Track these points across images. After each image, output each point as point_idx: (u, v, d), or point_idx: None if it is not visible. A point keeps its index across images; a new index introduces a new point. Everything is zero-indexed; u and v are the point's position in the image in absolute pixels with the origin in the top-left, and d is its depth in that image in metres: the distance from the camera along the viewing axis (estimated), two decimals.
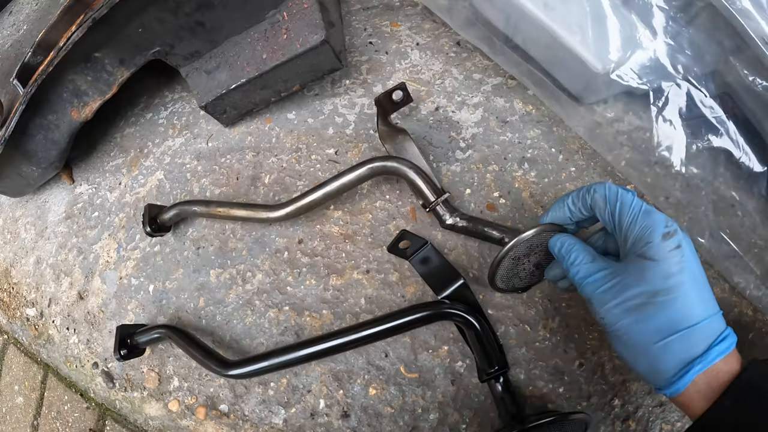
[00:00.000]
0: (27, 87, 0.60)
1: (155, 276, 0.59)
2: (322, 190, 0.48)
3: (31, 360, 0.70)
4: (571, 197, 0.38)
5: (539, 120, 0.57)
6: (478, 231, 0.46)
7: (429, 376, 0.49)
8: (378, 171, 0.48)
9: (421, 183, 0.47)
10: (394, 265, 0.52)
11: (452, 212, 0.47)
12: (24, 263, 0.71)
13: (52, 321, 0.66)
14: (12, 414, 0.71)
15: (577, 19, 0.51)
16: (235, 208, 0.53)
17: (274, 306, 0.53)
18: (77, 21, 0.55)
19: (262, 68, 0.56)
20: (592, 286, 0.35)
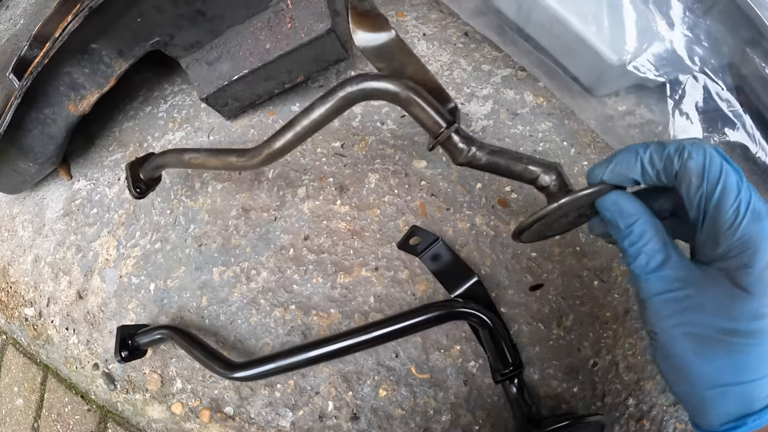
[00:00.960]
0: (22, 80, 0.59)
1: (156, 274, 0.57)
2: (293, 131, 0.39)
3: (31, 361, 0.68)
4: (650, 152, 0.26)
5: (550, 112, 0.55)
6: (500, 169, 0.35)
7: (441, 377, 0.48)
8: (356, 97, 0.37)
9: (423, 108, 0.35)
10: (404, 262, 0.51)
11: (469, 142, 0.36)
12: (22, 262, 0.70)
13: (51, 321, 0.64)
14: (12, 416, 0.70)
15: (591, 9, 0.49)
16: (210, 158, 0.47)
17: (280, 305, 0.51)
18: (74, 10, 0.53)
19: (266, 58, 0.54)
20: (655, 286, 0.26)
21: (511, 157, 0.35)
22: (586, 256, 0.50)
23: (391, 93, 0.36)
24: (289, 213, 0.54)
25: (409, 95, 0.35)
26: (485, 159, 0.35)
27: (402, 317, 0.44)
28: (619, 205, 0.28)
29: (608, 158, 0.28)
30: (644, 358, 0.47)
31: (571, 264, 0.49)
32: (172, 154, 0.52)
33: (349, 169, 0.54)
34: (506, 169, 0.35)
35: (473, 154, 0.35)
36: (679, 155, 0.25)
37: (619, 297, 0.49)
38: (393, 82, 0.35)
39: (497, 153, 0.35)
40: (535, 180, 0.34)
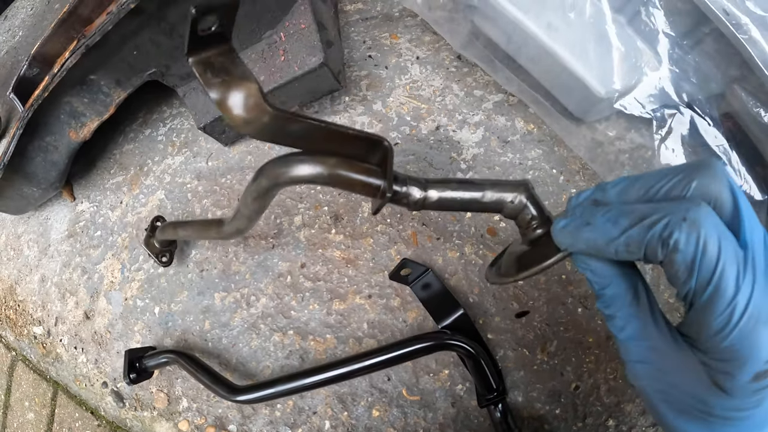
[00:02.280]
0: (24, 111, 0.63)
1: (160, 298, 0.62)
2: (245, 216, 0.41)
3: (41, 377, 0.74)
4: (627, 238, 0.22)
5: (541, 139, 0.59)
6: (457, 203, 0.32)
7: (430, 399, 0.53)
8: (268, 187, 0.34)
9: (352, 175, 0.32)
10: (395, 290, 0.55)
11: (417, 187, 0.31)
12: (29, 281, 0.75)
13: (59, 340, 0.70)
14: (23, 429, 0.76)
15: (580, 42, 0.52)
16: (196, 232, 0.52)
17: (279, 330, 0.56)
18: (70, 47, 0.57)
19: None
20: (630, 351, 0.25)
21: (468, 188, 0.31)
22: (571, 284, 0.54)
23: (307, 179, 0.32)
24: (286, 241, 0.58)
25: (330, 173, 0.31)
26: (437, 198, 0.31)
27: (394, 347, 0.49)
28: (590, 266, 0.26)
29: (572, 226, 0.25)
30: (625, 382, 0.51)
31: (556, 291, 0.54)
32: (169, 228, 0.57)
33: (344, 198, 0.58)
34: (465, 205, 0.32)
35: (423, 199, 0.31)
36: (662, 246, 0.21)
37: (602, 323, 0.53)
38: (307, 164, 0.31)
39: (449, 188, 0.31)
40: (502, 210, 0.31)
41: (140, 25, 0.56)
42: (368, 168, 0.32)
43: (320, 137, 0.31)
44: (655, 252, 0.21)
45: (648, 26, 0.51)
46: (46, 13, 0.97)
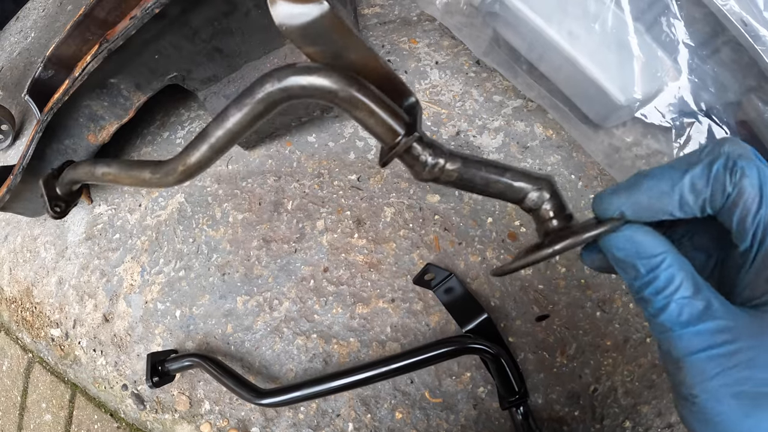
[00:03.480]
0: (43, 115, 0.64)
1: (181, 301, 0.63)
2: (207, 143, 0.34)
3: (58, 379, 0.75)
4: (692, 177, 0.21)
5: (559, 145, 0.60)
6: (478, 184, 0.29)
7: (452, 401, 0.54)
8: (279, 98, 0.30)
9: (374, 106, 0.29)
10: (418, 294, 0.57)
11: (435, 153, 0.29)
12: (46, 283, 0.76)
13: (78, 342, 0.71)
14: (40, 430, 0.77)
15: (602, 51, 0.54)
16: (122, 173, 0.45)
17: (302, 333, 0.58)
18: (92, 51, 0.58)
19: None
20: (693, 342, 0.22)
21: (491, 171, 0.29)
22: (589, 288, 0.56)
23: (326, 91, 0.28)
24: (309, 245, 0.60)
25: (351, 93, 0.28)
26: (456, 175, 0.29)
27: (418, 351, 0.50)
28: (638, 243, 0.23)
29: (626, 184, 0.23)
30: (641, 384, 0.53)
31: (575, 296, 0.55)
32: (83, 168, 0.50)
33: (366, 202, 0.60)
34: (483, 188, 0.29)
35: (440, 168, 0.29)
36: (730, 175, 0.21)
37: (620, 327, 0.55)
38: (327, 76, 0.28)
39: (472, 165, 0.29)
40: (523, 200, 0.29)
41: (163, 30, 0.57)
42: (395, 110, 0.29)
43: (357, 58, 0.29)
44: (723, 184, 0.21)
45: (668, 36, 0.52)
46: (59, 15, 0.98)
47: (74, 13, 0.99)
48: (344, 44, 0.29)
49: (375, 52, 0.30)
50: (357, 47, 0.29)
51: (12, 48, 0.99)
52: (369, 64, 0.30)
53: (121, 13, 0.78)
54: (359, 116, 0.29)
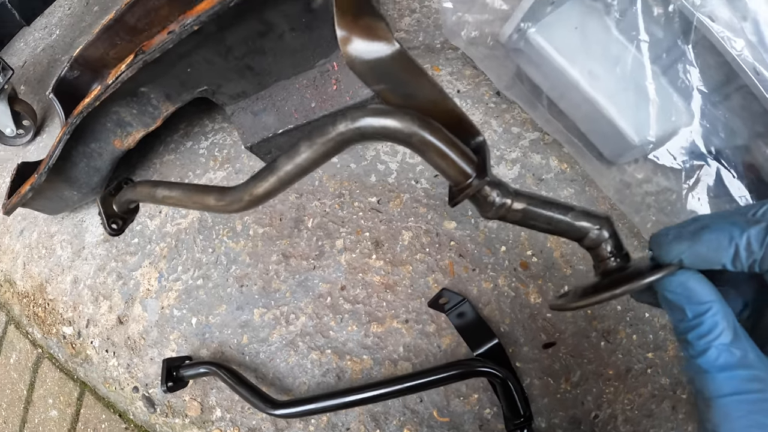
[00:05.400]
0: (72, 118, 0.66)
1: (198, 309, 0.66)
2: (276, 175, 0.35)
3: (67, 377, 0.77)
4: (749, 237, 0.23)
5: (573, 179, 0.63)
6: (542, 223, 0.31)
7: (459, 421, 0.57)
8: (351, 138, 0.30)
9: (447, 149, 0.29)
10: (431, 316, 0.59)
11: (503, 193, 0.30)
12: (60, 281, 0.78)
13: (90, 342, 0.73)
14: (45, 425, 0.79)
15: (620, 91, 0.57)
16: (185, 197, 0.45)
17: (317, 348, 0.60)
18: (127, 60, 0.60)
19: (311, 116, 0.62)
20: (726, 385, 0.24)
21: (554, 210, 0.30)
22: (595, 319, 0.59)
23: (399, 133, 0.29)
24: (328, 263, 0.62)
25: (424, 137, 0.29)
26: (521, 215, 0.31)
27: (429, 372, 0.53)
28: (689, 289, 0.25)
29: (688, 234, 0.25)
30: (641, 413, 0.56)
31: (581, 326, 0.58)
32: (144, 189, 0.51)
33: (385, 225, 0.62)
34: (546, 226, 0.31)
35: (507, 208, 0.30)
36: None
37: (622, 357, 0.58)
38: (401, 119, 0.28)
39: (537, 205, 0.30)
40: (583, 238, 0.30)
41: (198, 45, 0.59)
42: (466, 152, 0.30)
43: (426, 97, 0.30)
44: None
45: (683, 82, 0.56)
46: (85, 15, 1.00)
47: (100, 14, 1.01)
48: (415, 84, 0.31)
49: (445, 93, 0.31)
50: (427, 88, 0.31)
51: (36, 44, 1.01)
52: (439, 105, 0.31)
53: (150, 21, 0.80)
54: (432, 158, 0.30)
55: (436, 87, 0.31)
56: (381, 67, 0.30)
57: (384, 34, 0.29)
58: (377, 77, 0.30)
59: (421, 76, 0.31)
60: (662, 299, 0.27)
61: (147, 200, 0.52)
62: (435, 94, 0.31)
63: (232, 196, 0.40)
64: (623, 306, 0.58)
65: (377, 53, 0.29)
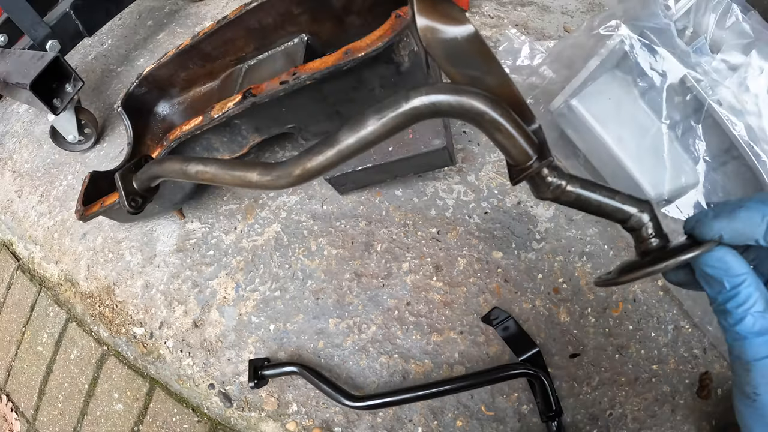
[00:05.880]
0: (169, 142, 0.74)
1: (276, 317, 0.76)
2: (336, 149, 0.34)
3: (136, 373, 0.85)
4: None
5: (597, 220, 0.78)
6: (593, 205, 0.33)
7: (502, 415, 0.71)
8: (423, 113, 0.31)
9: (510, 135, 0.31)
10: (482, 329, 0.72)
11: (559, 175, 0.33)
12: (130, 285, 0.85)
13: (164, 342, 0.81)
14: (109, 418, 0.86)
15: (641, 154, 0.72)
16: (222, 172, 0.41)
17: (386, 353, 0.72)
18: (235, 99, 0.69)
19: (387, 159, 0.73)
20: (763, 349, 0.27)
21: (603, 195, 0.33)
22: (612, 336, 0.74)
23: (472, 112, 0.30)
24: (395, 282, 0.74)
25: (496, 118, 0.30)
26: (575, 195, 0.33)
27: (482, 374, 0.66)
28: (727, 263, 0.28)
29: (726, 212, 0.28)
30: (646, 414, 0.71)
31: (600, 341, 0.73)
32: (173, 164, 0.47)
33: (443, 252, 0.75)
34: (597, 208, 0.33)
35: (562, 190, 0.33)
36: None
37: (632, 368, 0.73)
38: (476, 99, 0.30)
39: (588, 188, 0.33)
40: (627, 220, 0.33)
41: (299, 92, 0.69)
42: (529, 134, 0.32)
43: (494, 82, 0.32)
44: None
45: (693, 152, 0.71)
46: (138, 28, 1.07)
47: (155, 29, 1.07)
48: (485, 67, 0.33)
49: (510, 78, 0.33)
50: (495, 71, 0.33)
51: (86, 51, 1.05)
52: (504, 89, 0.33)
53: (225, 51, 0.89)
54: (499, 138, 0.32)
55: (502, 71, 0.33)
56: (455, 49, 0.32)
57: (460, 17, 0.31)
58: (451, 59, 0.32)
59: (491, 60, 0.33)
60: (701, 275, 0.30)
61: (176, 176, 0.48)
62: (501, 79, 0.33)
63: (280, 170, 0.37)
64: (634, 326, 0.73)
65: (453, 35, 0.31)
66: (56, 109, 0.88)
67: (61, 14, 0.93)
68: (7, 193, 1.03)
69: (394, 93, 0.61)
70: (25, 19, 0.90)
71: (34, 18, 0.91)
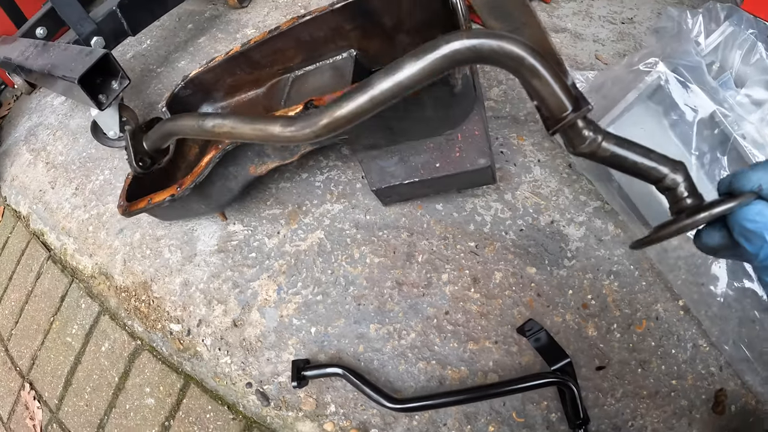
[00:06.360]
0: (225, 145, 0.76)
1: (317, 320, 0.79)
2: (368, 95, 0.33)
3: (170, 369, 0.86)
4: None
5: (624, 242, 0.83)
6: (628, 163, 0.33)
7: (532, 422, 0.75)
8: (464, 57, 0.32)
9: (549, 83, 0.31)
10: (515, 339, 0.77)
11: (595, 130, 0.33)
12: (168, 282, 0.87)
13: (201, 340, 0.83)
14: (139, 411, 0.88)
15: None
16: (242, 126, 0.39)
17: (423, 359, 0.76)
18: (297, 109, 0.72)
19: (434, 174, 0.77)
20: None
21: (638, 153, 0.33)
22: (635, 351, 0.79)
23: (513, 58, 0.30)
24: (434, 292, 0.78)
25: (535, 65, 0.31)
26: (610, 152, 0.33)
27: (516, 381, 0.70)
28: (767, 216, 0.28)
29: (765, 164, 0.29)
30: (665, 426, 0.76)
31: (624, 355, 0.78)
32: (188, 120, 0.45)
33: (481, 265, 0.79)
34: (632, 166, 0.33)
35: (598, 144, 0.33)
36: None
37: (653, 382, 0.78)
38: (517, 45, 0.30)
39: (624, 146, 0.32)
40: (662, 180, 0.33)
41: None
42: (567, 85, 0.32)
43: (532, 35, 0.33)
44: None
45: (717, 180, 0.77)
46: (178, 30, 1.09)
47: (195, 33, 1.10)
48: (524, 21, 0.33)
49: (547, 33, 0.34)
50: (534, 26, 0.34)
51: (125, 49, 1.07)
52: (542, 44, 0.34)
53: (274, 59, 0.92)
54: (536, 85, 0.32)
55: (541, 26, 0.34)
56: (497, 2, 0.33)
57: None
58: (492, 11, 0.34)
59: (530, 15, 0.33)
60: (740, 231, 0.29)
61: (191, 133, 0.46)
62: (539, 34, 0.34)
63: (306, 120, 0.36)
64: (656, 342, 0.78)
65: None
66: (101, 105, 0.90)
67: (107, 12, 0.95)
68: (40, 183, 1.04)
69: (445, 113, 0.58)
70: (72, 14, 0.92)
71: (81, 14, 0.93)
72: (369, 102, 0.34)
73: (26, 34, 1.02)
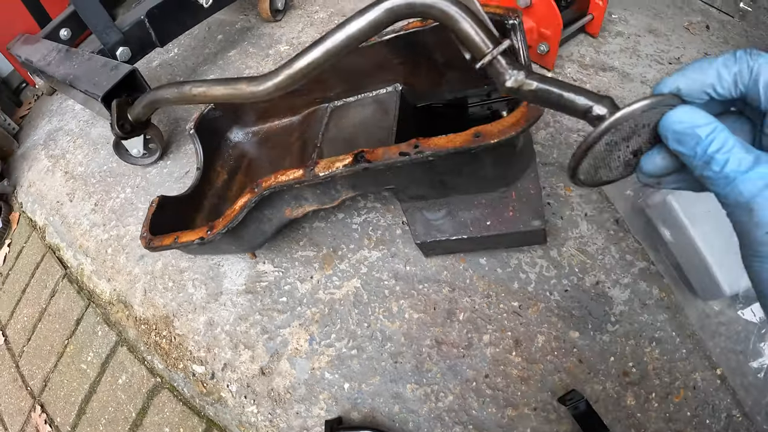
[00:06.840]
0: (262, 189, 0.71)
1: (351, 376, 0.76)
2: (323, 47, 0.41)
3: (192, 411, 0.83)
4: (723, 58, 0.29)
5: (668, 306, 0.81)
6: (552, 98, 0.35)
7: None
8: (402, 12, 0.40)
9: (468, 26, 0.38)
10: (554, 407, 0.75)
11: (516, 66, 0.37)
12: (191, 319, 0.83)
13: (226, 385, 0.80)
14: None
15: (724, 252, 0.74)
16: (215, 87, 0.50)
17: (461, 423, 0.74)
18: (346, 162, 0.67)
19: (484, 232, 0.73)
20: (757, 183, 0.27)
21: (562, 88, 0.34)
22: (671, 421, 0.77)
23: (439, 9, 0.38)
24: (475, 353, 0.75)
25: (457, 11, 0.38)
26: (535, 86, 0.36)
27: None
28: (694, 115, 0.29)
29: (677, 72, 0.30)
30: None
31: (660, 425, 0.77)
32: (168, 89, 0.54)
33: (524, 327, 0.76)
34: (558, 100, 0.35)
35: (521, 80, 0.36)
36: (750, 56, 0.28)
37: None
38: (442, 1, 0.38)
39: (547, 81, 0.35)
40: (590, 110, 0.33)
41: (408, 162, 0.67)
42: (488, 30, 0.39)
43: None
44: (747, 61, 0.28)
45: None
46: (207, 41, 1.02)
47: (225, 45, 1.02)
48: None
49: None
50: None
51: (150, 57, 0.99)
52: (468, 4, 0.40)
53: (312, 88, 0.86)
54: (459, 29, 0.39)
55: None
56: None
57: None
58: None
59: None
60: (674, 137, 0.30)
61: (175, 100, 0.54)
62: None
63: (267, 76, 0.45)
64: (692, 412, 0.77)
65: None
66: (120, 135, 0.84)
67: (134, 21, 0.87)
68: (58, 194, 0.97)
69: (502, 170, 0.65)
70: (98, 22, 0.84)
71: (107, 22, 0.85)
72: (324, 54, 0.41)
73: (50, 36, 0.94)
